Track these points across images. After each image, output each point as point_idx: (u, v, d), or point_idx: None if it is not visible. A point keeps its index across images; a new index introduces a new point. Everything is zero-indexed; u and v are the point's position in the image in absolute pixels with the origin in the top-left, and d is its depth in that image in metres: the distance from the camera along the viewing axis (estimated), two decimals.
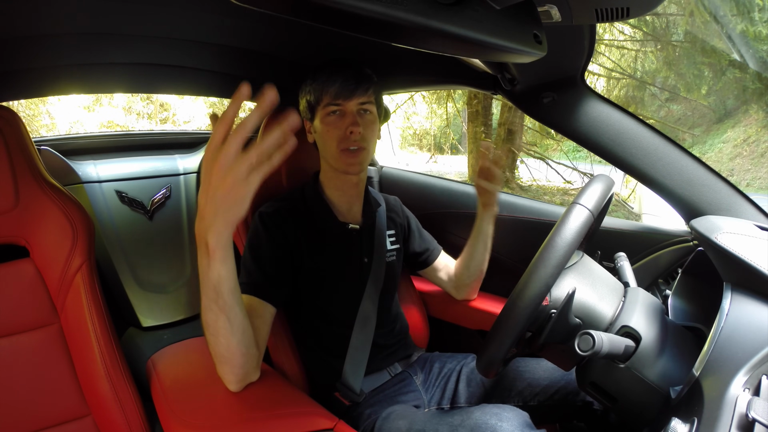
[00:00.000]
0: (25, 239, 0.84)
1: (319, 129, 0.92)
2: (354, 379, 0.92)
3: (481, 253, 1.08)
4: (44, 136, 4.89)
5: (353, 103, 0.88)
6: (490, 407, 0.75)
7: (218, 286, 0.62)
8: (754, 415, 0.47)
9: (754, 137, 7.60)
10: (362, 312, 0.95)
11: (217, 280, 0.62)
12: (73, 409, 0.84)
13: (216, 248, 0.59)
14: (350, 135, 0.88)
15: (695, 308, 0.76)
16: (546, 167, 5.82)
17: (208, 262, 0.60)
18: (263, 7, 0.38)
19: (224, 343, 0.67)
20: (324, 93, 0.89)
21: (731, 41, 4.61)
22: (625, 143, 0.91)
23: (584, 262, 0.75)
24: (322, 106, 0.90)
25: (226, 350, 0.68)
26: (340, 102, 0.88)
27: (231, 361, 0.69)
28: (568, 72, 0.90)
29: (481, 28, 0.48)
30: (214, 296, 0.63)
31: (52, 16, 0.83)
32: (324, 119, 0.90)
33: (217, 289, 0.63)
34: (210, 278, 0.62)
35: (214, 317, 0.65)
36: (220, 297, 0.63)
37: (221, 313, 0.64)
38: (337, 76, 0.88)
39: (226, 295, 0.64)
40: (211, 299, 0.63)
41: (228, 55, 1.16)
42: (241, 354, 0.69)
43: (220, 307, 0.64)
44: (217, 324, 0.65)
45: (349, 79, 0.87)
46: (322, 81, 0.89)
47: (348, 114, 0.89)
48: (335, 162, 0.92)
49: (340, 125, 0.89)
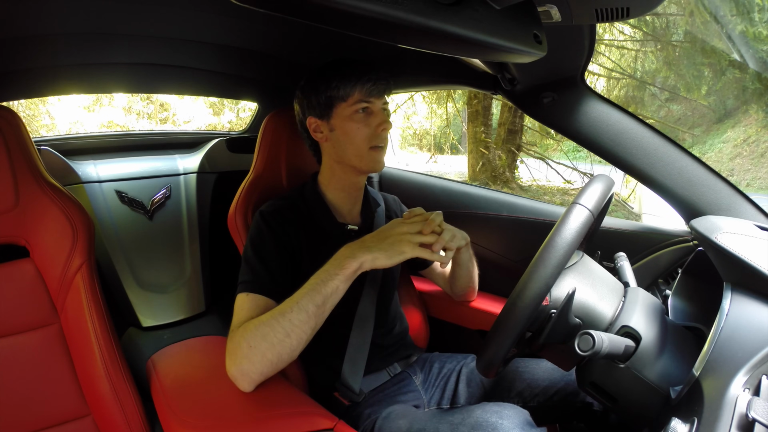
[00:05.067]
0: (25, 239, 0.84)
1: (342, 127, 0.89)
2: (353, 379, 0.92)
3: (464, 278, 1.08)
4: (44, 136, 4.89)
5: (381, 101, 0.90)
6: (491, 405, 0.75)
7: (331, 297, 0.72)
8: (754, 415, 0.47)
9: (754, 137, 7.60)
10: (361, 312, 0.95)
11: (334, 293, 0.72)
12: (73, 409, 0.84)
13: (359, 272, 0.73)
14: (381, 132, 0.89)
15: (695, 308, 0.76)
16: (546, 167, 5.82)
17: (339, 276, 0.72)
18: (263, 7, 0.38)
19: (292, 345, 0.72)
20: (356, 90, 0.87)
21: (731, 41, 4.61)
22: (625, 143, 0.91)
23: (584, 262, 0.75)
24: (349, 103, 0.88)
25: (288, 352, 0.72)
26: (372, 100, 0.88)
27: (278, 364, 0.73)
28: (568, 72, 0.90)
29: (481, 28, 0.48)
30: (321, 302, 0.72)
31: (52, 16, 0.83)
32: (352, 116, 0.88)
33: (327, 300, 0.72)
34: (327, 287, 0.72)
35: (304, 319, 0.71)
36: (324, 306, 0.72)
37: (313, 318, 0.72)
38: (371, 74, 0.88)
39: (329, 307, 0.73)
40: (316, 304, 0.72)
41: (228, 55, 1.17)
42: (289, 359, 0.74)
43: (317, 314, 0.72)
44: (301, 327, 0.72)
45: (381, 79, 0.88)
46: (353, 77, 0.87)
47: (377, 112, 0.89)
48: (361, 161, 0.90)
49: (370, 123, 0.89)
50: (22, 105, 6.13)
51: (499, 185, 5.62)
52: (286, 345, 0.71)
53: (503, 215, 1.27)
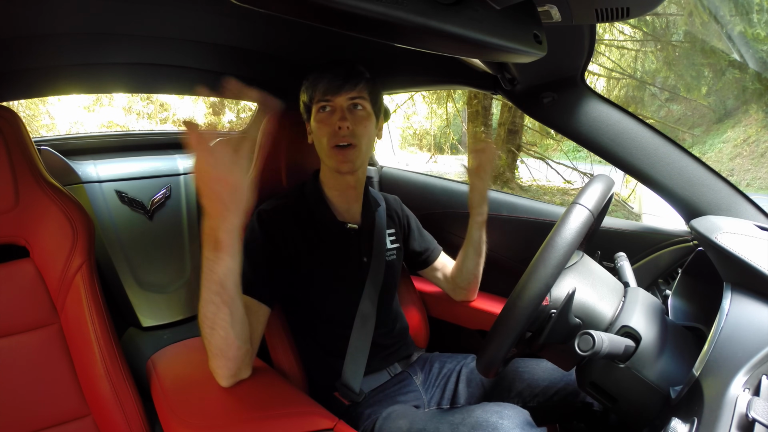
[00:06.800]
0: (25, 239, 0.84)
1: (313, 127, 0.93)
2: (354, 379, 0.92)
3: (473, 258, 1.08)
4: (44, 136, 4.89)
5: (342, 98, 0.89)
6: (491, 405, 0.75)
7: (225, 279, 0.66)
8: (754, 415, 0.47)
9: (754, 137, 7.60)
10: (361, 312, 0.95)
11: (225, 274, 0.66)
12: (73, 409, 0.84)
13: (228, 243, 0.65)
14: (339, 130, 0.88)
15: (695, 308, 0.76)
16: (546, 167, 5.82)
17: (216, 256, 0.65)
18: (263, 7, 0.38)
19: (223, 335, 0.69)
20: (315, 90, 0.90)
21: (731, 41, 4.61)
22: (625, 143, 0.91)
23: (584, 262, 0.75)
24: (314, 103, 0.91)
25: (223, 342, 0.70)
26: (329, 98, 0.89)
27: (226, 353, 0.71)
28: (568, 72, 0.90)
29: (481, 28, 0.48)
30: (219, 289, 0.67)
31: (52, 16, 0.83)
32: (316, 116, 0.92)
33: (223, 283, 0.66)
34: (216, 272, 0.66)
35: (215, 309, 0.68)
36: (225, 290, 0.67)
37: (224, 305, 0.68)
38: (326, 73, 0.89)
39: (231, 289, 0.68)
40: (214, 292, 0.67)
41: (228, 55, 1.16)
42: (237, 347, 0.71)
43: (224, 300, 0.67)
44: (216, 317, 0.68)
45: (338, 75, 0.89)
46: (312, 79, 0.91)
47: (337, 110, 0.90)
48: (328, 160, 0.93)
49: (330, 122, 0.90)
50: (22, 105, 6.12)
51: (499, 185, 5.62)
52: (219, 337, 0.69)
53: (503, 215, 1.27)
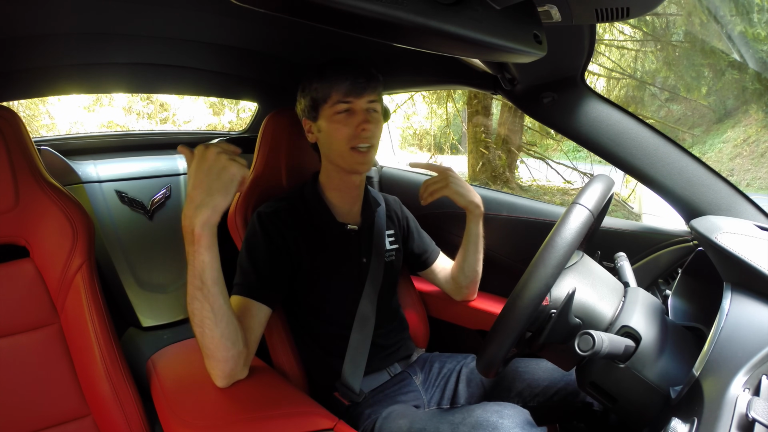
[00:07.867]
0: (25, 239, 0.84)
1: (325, 128, 0.91)
2: (353, 379, 0.92)
3: (473, 255, 1.08)
4: (44, 136, 4.89)
5: (363, 101, 0.88)
6: (492, 405, 0.75)
7: (202, 273, 0.65)
8: (754, 415, 0.47)
9: (754, 137, 7.60)
10: (361, 312, 0.95)
11: (201, 268, 0.65)
12: (73, 409, 0.84)
13: (202, 234, 0.63)
14: (362, 132, 0.88)
15: (695, 308, 0.76)
16: (546, 167, 5.81)
17: (193, 249, 0.64)
18: (263, 7, 0.38)
19: (209, 334, 0.69)
20: (333, 90, 0.88)
21: (731, 41, 4.61)
22: (625, 143, 0.91)
23: (584, 262, 0.75)
24: (330, 104, 0.89)
25: (210, 342, 0.69)
26: (350, 99, 0.88)
27: (215, 354, 0.71)
28: (568, 72, 0.90)
29: (481, 28, 0.48)
30: (199, 284, 0.66)
31: (52, 16, 0.83)
32: (332, 117, 0.89)
33: (202, 277, 0.66)
34: (195, 266, 0.65)
35: (199, 306, 0.67)
36: (204, 285, 0.66)
37: (205, 301, 0.67)
38: (348, 73, 0.87)
39: (210, 284, 0.66)
40: (196, 287, 0.66)
41: (228, 55, 1.17)
42: (225, 348, 0.70)
43: (205, 295, 0.66)
44: (202, 313, 0.68)
45: (360, 77, 0.87)
46: (331, 78, 0.88)
47: (358, 112, 0.88)
48: (343, 161, 0.91)
49: (350, 123, 0.88)
50: (22, 105, 6.11)
51: (499, 185, 5.62)
52: (207, 337, 0.69)
53: (503, 215, 1.27)
